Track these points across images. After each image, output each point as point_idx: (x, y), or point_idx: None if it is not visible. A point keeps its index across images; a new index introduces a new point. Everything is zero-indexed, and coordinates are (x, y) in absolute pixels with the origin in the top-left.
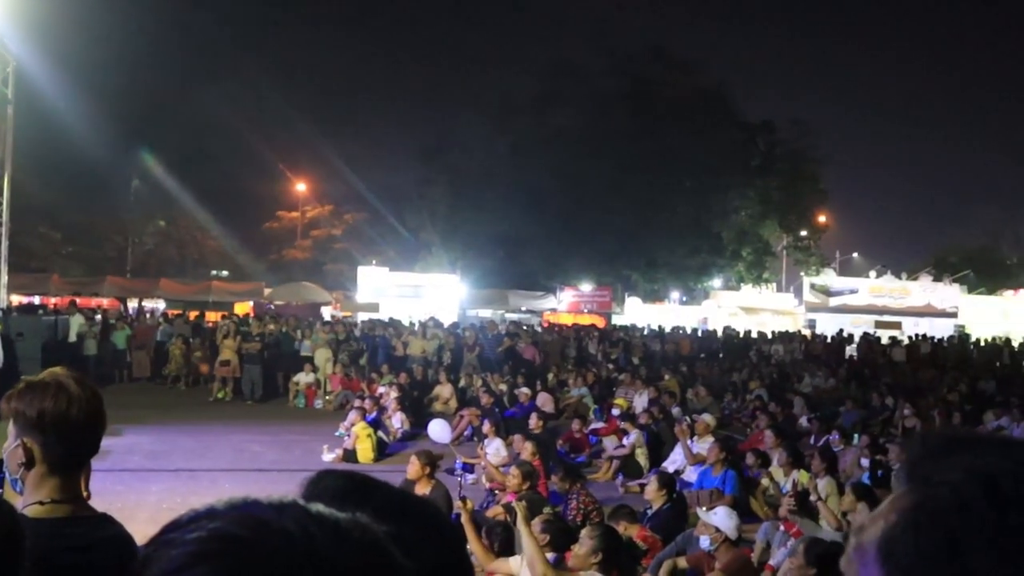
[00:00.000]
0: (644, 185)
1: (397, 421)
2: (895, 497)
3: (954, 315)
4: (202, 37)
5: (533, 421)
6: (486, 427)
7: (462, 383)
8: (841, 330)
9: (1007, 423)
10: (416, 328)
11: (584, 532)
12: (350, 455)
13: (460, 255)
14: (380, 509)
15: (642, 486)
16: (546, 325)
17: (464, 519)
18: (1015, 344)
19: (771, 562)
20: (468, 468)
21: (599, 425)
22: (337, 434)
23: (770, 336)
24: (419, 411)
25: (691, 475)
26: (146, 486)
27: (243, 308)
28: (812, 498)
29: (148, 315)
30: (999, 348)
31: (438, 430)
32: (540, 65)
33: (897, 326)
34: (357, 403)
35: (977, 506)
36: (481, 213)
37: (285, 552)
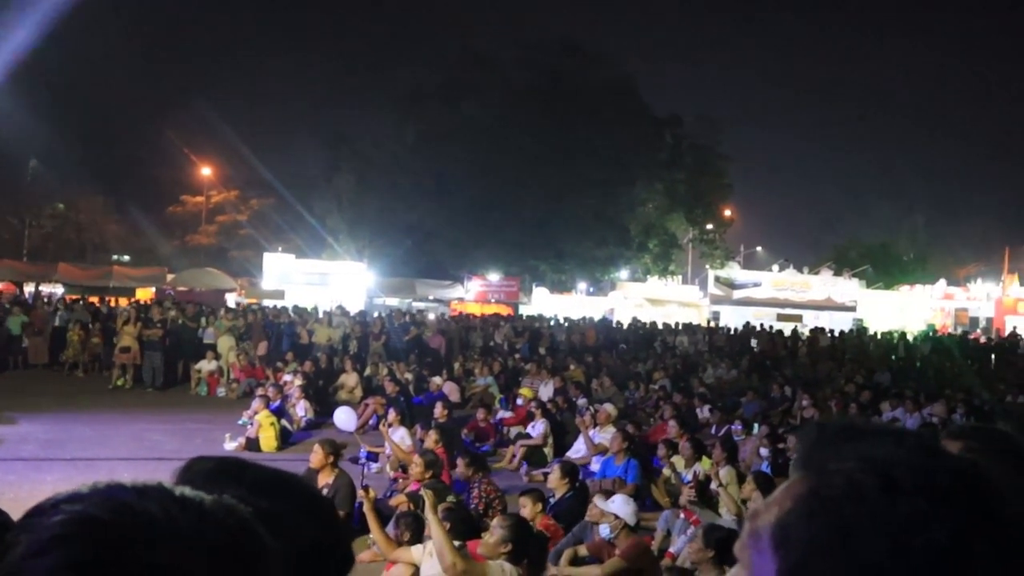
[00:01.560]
0: (553, 176)
1: (301, 409)
2: (790, 484)
3: (853, 309)
4: (105, 18)
5: (438, 410)
6: (391, 416)
7: (368, 372)
8: (748, 322)
9: (901, 414)
10: (322, 316)
11: (495, 522)
12: (253, 444)
13: (367, 243)
14: (253, 488)
15: (546, 475)
16: (454, 314)
17: (367, 508)
18: (910, 338)
19: (671, 549)
20: (372, 457)
21: (506, 414)
22: (240, 422)
23: (675, 327)
24: (324, 399)
25: (595, 464)
26: (40, 476)
27: (145, 294)
28: (713, 486)
29: (45, 300)
30: (895, 341)
31: (344, 418)
32: (450, 55)
33: (798, 319)
34: (261, 391)
35: (869, 494)
36: (389, 201)
37: (146, 534)
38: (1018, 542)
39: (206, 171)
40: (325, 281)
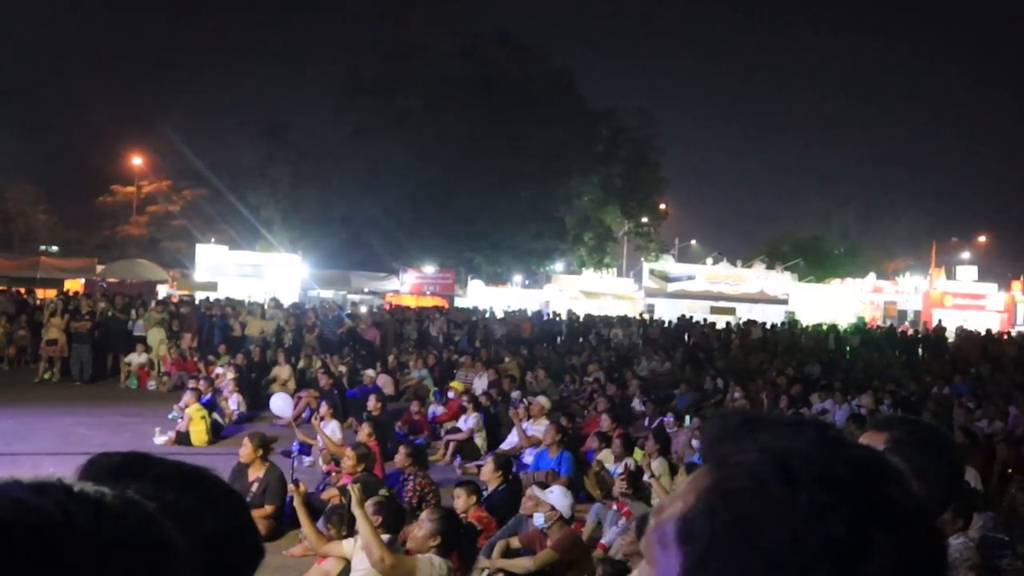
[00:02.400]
0: (489, 169)
1: (233, 403)
2: (693, 478)
3: (785, 302)
4: (35, 6)
5: (372, 403)
6: (323, 409)
7: (301, 364)
8: (682, 315)
9: (831, 405)
10: (255, 308)
11: (424, 515)
12: (183, 438)
13: (302, 235)
14: (159, 481)
15: (480, 468)
16: (389, 307)
17: (296, 502)
18: (840, 330)
19: (603, 540)
20: (305, 450)
21: (440, 408)
22: (170, 416)
23: (609, 320)
24: (256, 393)
25: (528, 457)
26: None
27: (74, 285)
28: (646, 477)
29: None
30: (825, 334)
31: (280, 404)
32: (387, 45)
33: (732, 312)
34: (192, 384)
35: (769, 486)
36: (324, 192)
37: (41, 531)
38: (916, 531)
39: (137, 161)
40: (259, 273)
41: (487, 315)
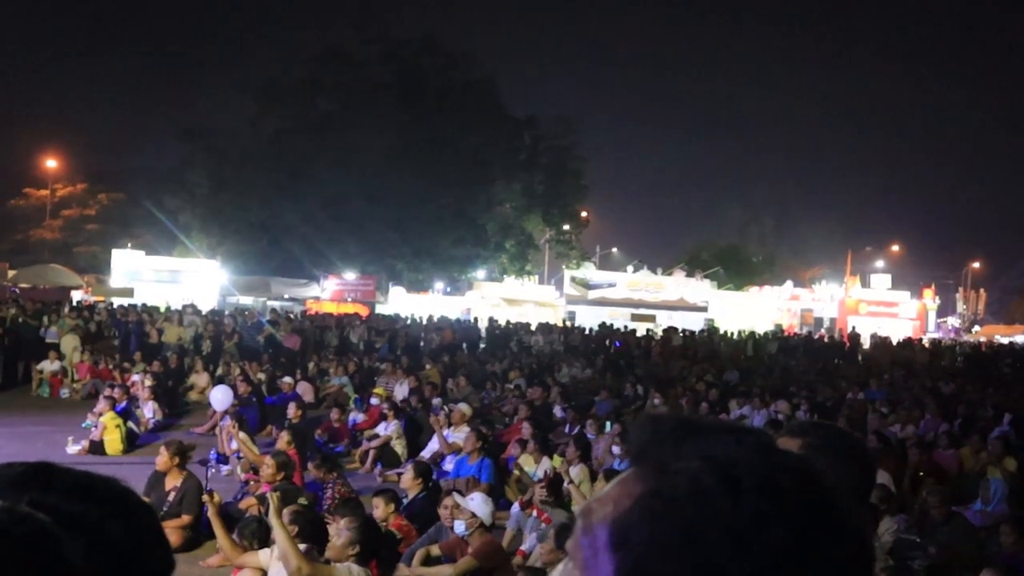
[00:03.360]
0: (411, 175)
1: (149, 411)
2: (624, 482)
3: (705, 309)
4: None
5: (291, 410)
6: (227, 424)
7: (219, 372)
8: (603, 322)
9: (748, 411)
10: (172, 314)
11: (342, 523)
12: (97, 447)
13: (221, 240)
14: (64, 492)
15: (400, 475)
16: (310, 313)
17: (211, 513)
18: (758, 337)
19: (523, 547)
20: (222, 459)
21: (360, 416)
22: (84, 425)
23: (531, 327)
24: (173, 401)
25: (449, 464)
26: None
27: None
28: (566, 483)
29: None
30: (744, 341)
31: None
32: (309, 49)
33: (652, 319)
34: (107, 392)
35: (712, 495)
36: (244, 198)
37: None
38: (853, 537)
39: (51, 163)
40: (176, 279)
41: (408, 322)
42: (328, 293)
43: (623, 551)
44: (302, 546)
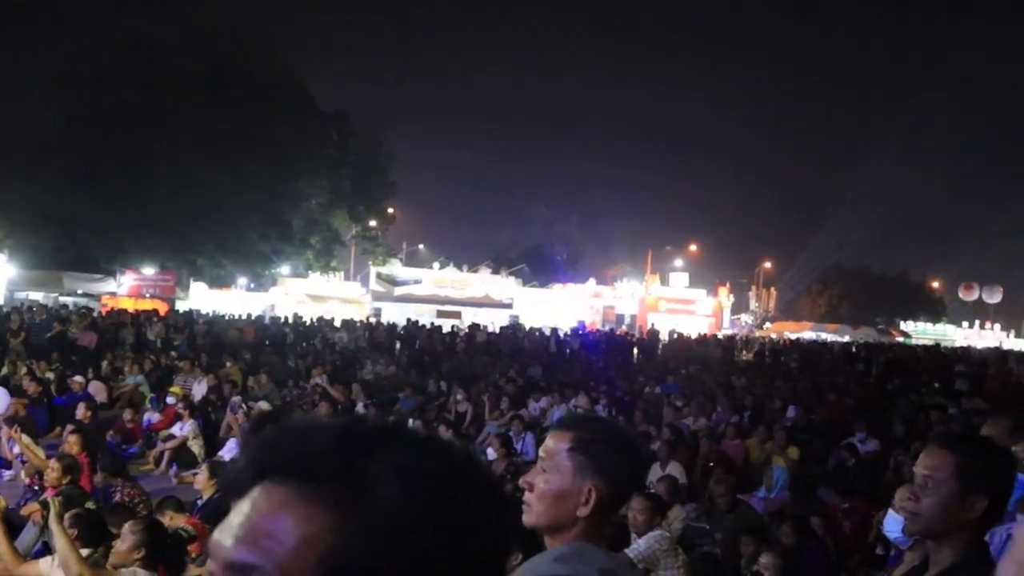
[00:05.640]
0: (214, 168)
1: None
2: (304, 499)
3: (510, 306)
4: None
5: (81, 411)
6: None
7: (5, 371)
8: (408, 319)
9: (546, 404)
10: None
11: (126, 527)
12: None
13: (8, 232)
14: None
15: (196, 476)
16: (105, 310)
17: None
18: (561, 333)
19: None
20: (4, 463)
21: (155, 416)
22: None
23: (335, 324)
24: None
25: None
26: None
27: None
28: None
29: None
30: (547, 337)
31: None
32: (108, 35)
33: (457, 315)
34: None
35: (429, 511)
36: (33, 188)
37: None
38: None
39: None
40: None
41: (209, 318)
42: (125, 288)
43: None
44: (84, 551)
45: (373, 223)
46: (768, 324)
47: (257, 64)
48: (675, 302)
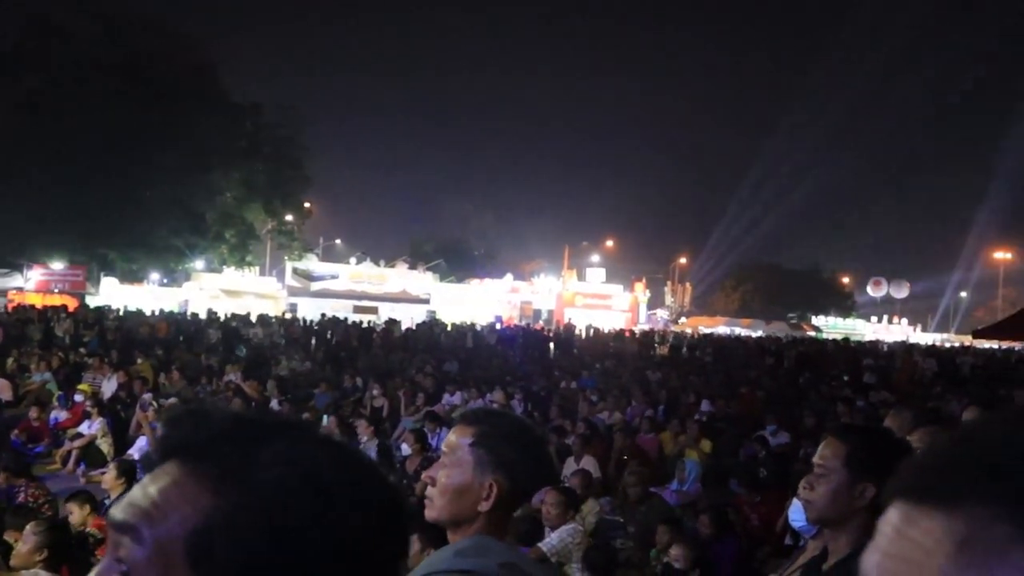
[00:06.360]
0: (125, 160)
1: None
2: (179, 482)
3: (427, 301)
4: None
5: None
6: None
7: None
8: (324, 314)
9: (462, 399)
10: None
11: (28, 528)
12: None
13: None
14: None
15: (105, 475)
16: (11, 306)
17: None
18: (478, 328)
19: None
20: None
21: (63, 414)
22: None
23: (250, 319)
24: None
25: None
26: None
27: None
28: None
29: None
30: (464, 332)
31: None
32: (15, 21)
33: (374, 311)
34: None
35: (306, 503)
36: None
37: None
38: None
39: None
40: None
41: (120, 314)
42: (32, 283)
43: (206, 566)
44: None
45: (289, 217)
46: (683, 319)
47: (170, 54)
48: (592, 297)
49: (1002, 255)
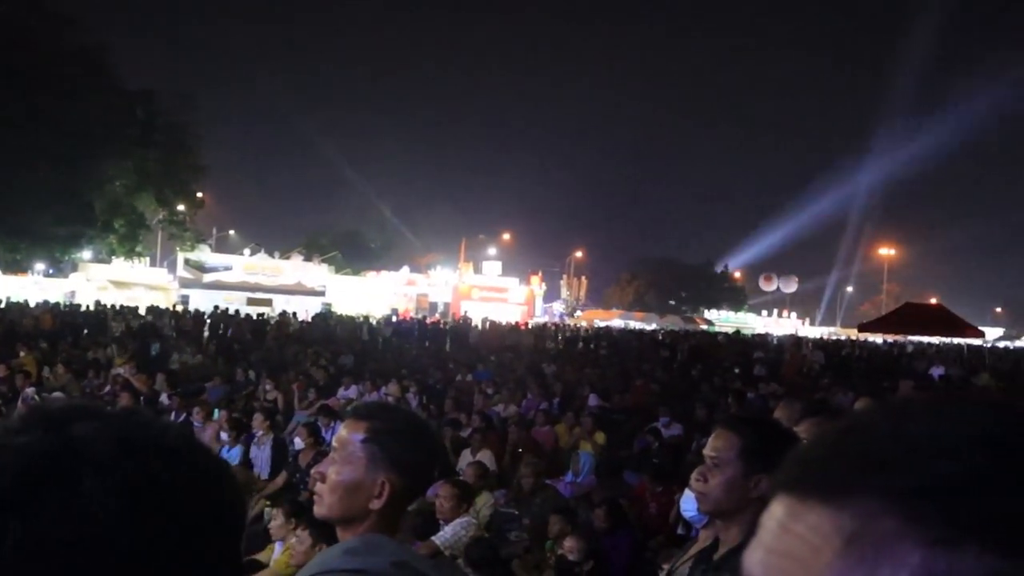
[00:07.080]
0: (6, 146)
1: None
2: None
3: (322, 293)
4: None
5: None
6: None
7: None
8: (217, 306)
9: (357, 393)
10: None
11: None
12: None
13: None
14: None
15: None
16: None
17: None
18: (374, 321)
19: None
20: None
21: None
22: None
23: (139, 311)
24: None
25: None
26: None
27: None
28: None
29: None
30: (360, 324)
31: None
32: None
33: (268, 303)
34: None
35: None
36: None
37: None
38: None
39: None
40: None
41: (3, 305)
42: None
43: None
44: None
45: (181, 207)
46: (579, 312)
47: (57, 37)
48: (488, 290)
49: (886, 251)
